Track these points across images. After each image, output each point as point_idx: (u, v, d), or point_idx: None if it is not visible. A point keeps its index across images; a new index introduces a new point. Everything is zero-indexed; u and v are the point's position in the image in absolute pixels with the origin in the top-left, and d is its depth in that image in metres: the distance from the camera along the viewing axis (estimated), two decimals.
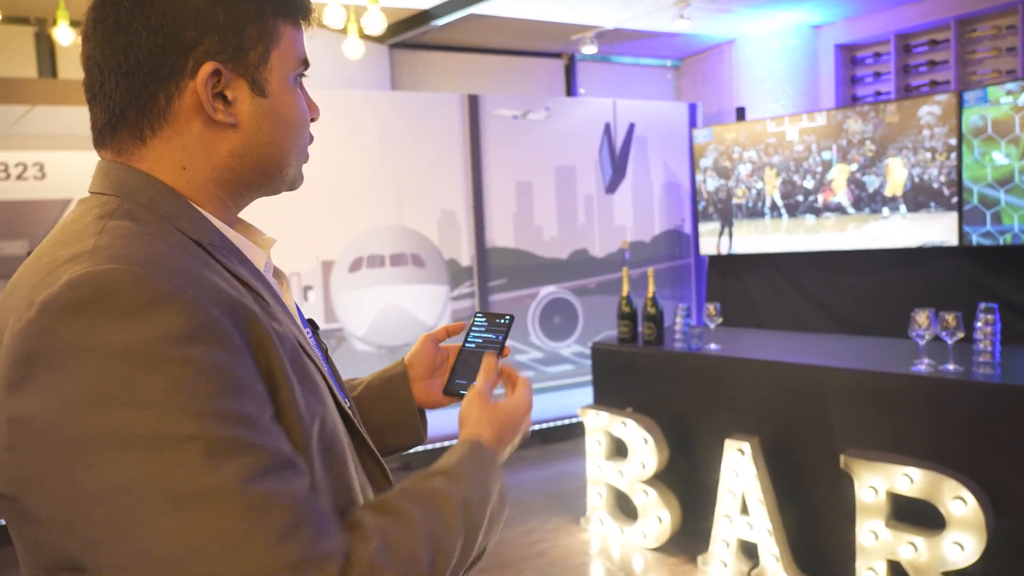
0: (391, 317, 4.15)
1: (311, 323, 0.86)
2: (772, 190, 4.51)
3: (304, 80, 0.76)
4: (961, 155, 3.78)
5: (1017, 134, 3.58)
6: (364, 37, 4.01)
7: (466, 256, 4.36)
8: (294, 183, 0.76)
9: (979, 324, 2.38)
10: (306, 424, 0.62)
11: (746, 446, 2.63)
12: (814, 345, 3.07)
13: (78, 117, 3.59)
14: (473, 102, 4.37)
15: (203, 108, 0.65)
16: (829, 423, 2.58)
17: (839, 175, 4.24)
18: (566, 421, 4.64)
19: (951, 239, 3.83)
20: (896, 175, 4.03)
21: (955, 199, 3.80)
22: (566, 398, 4.65)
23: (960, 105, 3.79)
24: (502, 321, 0.98)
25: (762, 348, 3.03)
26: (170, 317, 0.53)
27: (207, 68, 0.64)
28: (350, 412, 0.76)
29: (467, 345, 0.99)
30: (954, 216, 3.81)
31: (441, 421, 1.24)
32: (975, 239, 3.75)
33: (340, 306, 4.02)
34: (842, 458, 2.38)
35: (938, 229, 3.88)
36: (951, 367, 2.41)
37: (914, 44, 4.77)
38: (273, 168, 0.72)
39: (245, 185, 0.71)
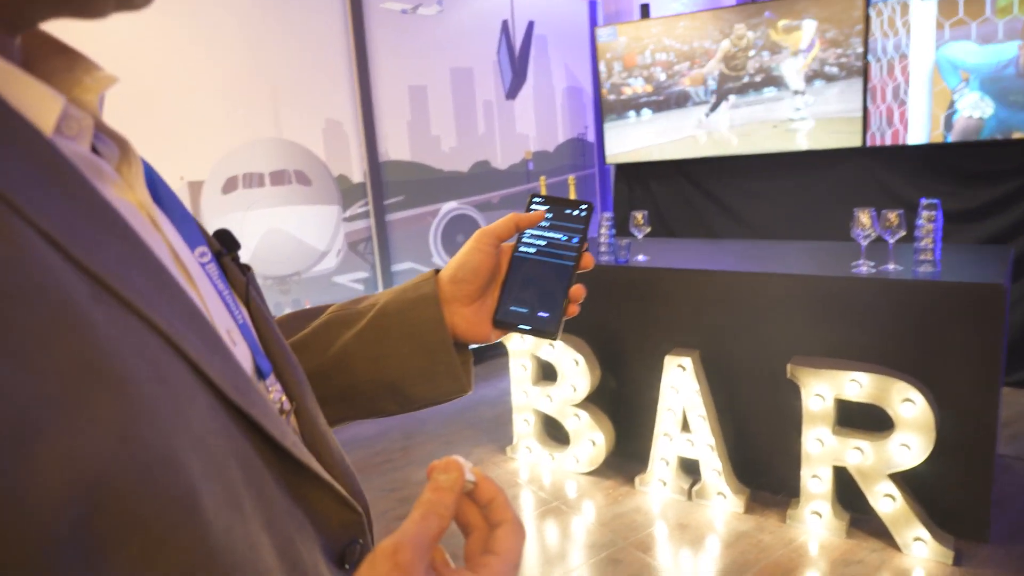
0: (276, 243, 3.66)
1: (222, 237, 0.50)
2: (680, 85, 4.31)
3: None
4: (868, 27, 3.70)
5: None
6: None
7: (357, 172, 3.90)
8: None
9: (921, 221, 2.30)
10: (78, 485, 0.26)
11: (687, 361, 2.48)
12: (747, 251, 2.94)
13: None
14: None
15: None
16: (770, 332, 2.47)
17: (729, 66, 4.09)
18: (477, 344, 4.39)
19: (855, 140, 3.81)
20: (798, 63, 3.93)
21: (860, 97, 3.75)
22: None
23: (868, 1, 3.69)
24: (576, 212, 0.68)
25: (694, 257, 2.87)
26: None
27: None
28: (263, 421, 0.38)
29: (521, 250, 0.68)
30: (858, 119, 3.77)
31: None
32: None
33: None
34: (788, 367, 2.28)
35: (844, 132, 3.83)
36: (892, 267, 2.34)
37: None
38: None
39: None
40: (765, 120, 4.06)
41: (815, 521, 2.33)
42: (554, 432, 2.99)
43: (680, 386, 2.50)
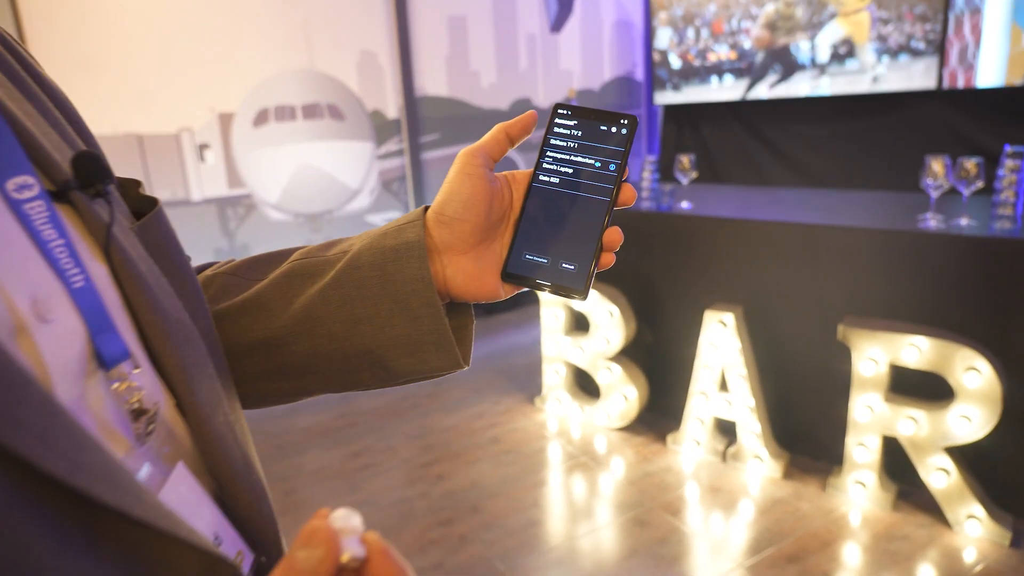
0: (308, 180, 3.57)
1: (81, 164, 0.36)
2: (738, 33, 4.00)
3: None
4: None
5: None
6: None
7: (392, 107, 3.75)
8: None
9: (1003, 171, 2.06)
10: None
11: (729, 317, 2.32)
12: (802, 201, 2.73)
13: None
14: None
15: None
16: (822, 288, 2.28)
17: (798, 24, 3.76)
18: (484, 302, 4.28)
19: (929, 82, 3.48)
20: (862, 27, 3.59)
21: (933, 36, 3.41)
22: None
23: None
24: (614, 129, 0.51)
25: (742, 206, 2.67)
26: None
27: None
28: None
29: (540, 179, 0.52)
30: (933, 58, 3.43)
31: None
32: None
33: (246, 168, 3.40)
34: (840, 328, 2.10)
35: (918, 70, 3.50)
36: (965, 221, 2.11)
37: None
38: None
39: None
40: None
41: (858, 491, 2.18)
42: (585, 385, 2.88)
43: (720, 343, 2.35)
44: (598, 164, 0.52)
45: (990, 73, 3.29)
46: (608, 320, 2.58)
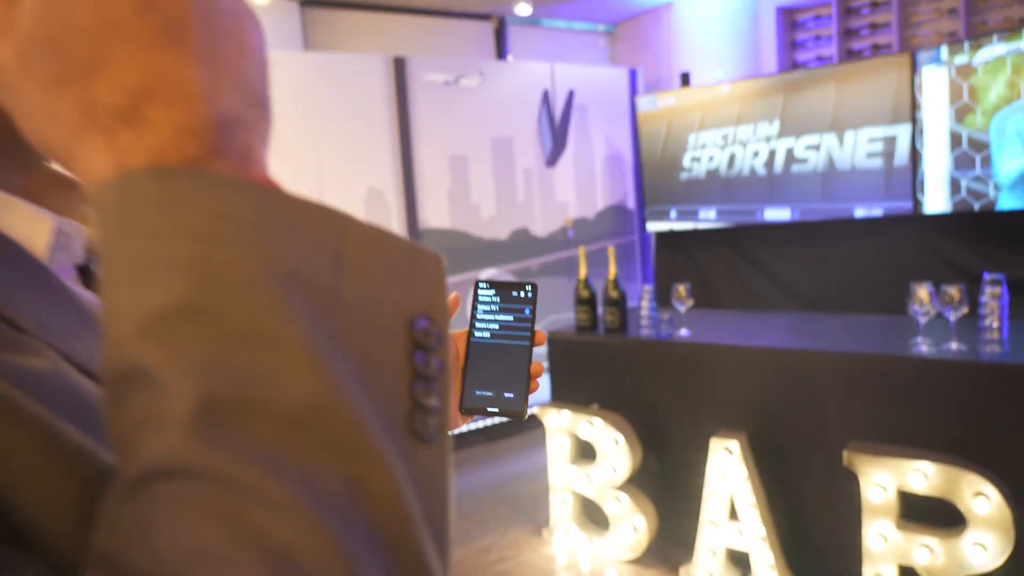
0: None
1: None
2: (721, 159, 4.26)
3: None
4: (915, 119, 3.61)
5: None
6: None
7: None
8: None
9: (984, 298, 2.16)
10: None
11: (734, 444, 2.34)
12: (796, 325, 2.81)
13: None
14: (400, 65, 3.89)
15: None
16: (824, 414, 2.32)
17: (782, 146, 4.02)
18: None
19: (905, 207, 3.67)
20: (846, 147, 3.84)
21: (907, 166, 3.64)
22: None
23: (914, 66, 3.62)
24: (520, 294, 0.69)
25: (738, 332, 2.75)
26: None
27: None
28: None
29: (476, 336, 0.69)
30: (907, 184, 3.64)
31: None
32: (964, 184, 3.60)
33: None
34: (845, 454, 2.12)
35: (896, 194, 3.71)
36: (954, 346, 2.19)
37: (856, 6, 4.62)
38: None
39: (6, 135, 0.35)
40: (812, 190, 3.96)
41: None
42: (594, 515, 2.84)
43: (727, 470, 2.35)
44: (514, 319, 0.68)
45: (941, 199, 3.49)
46: (614, 448, 2.59)
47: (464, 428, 4.12)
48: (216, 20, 0.30)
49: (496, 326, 0.68)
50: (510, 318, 0.68)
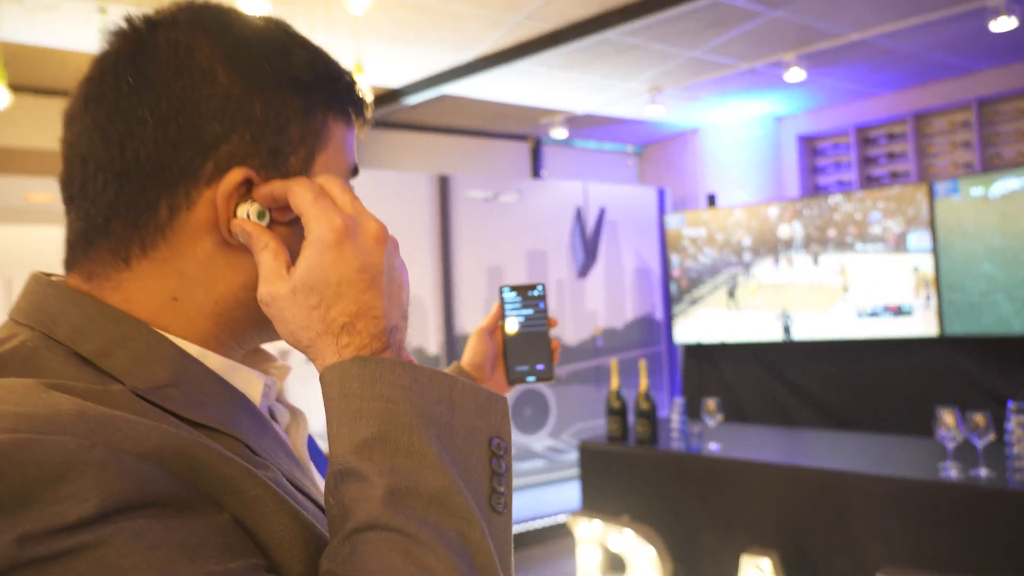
0: None
1: None
2: (749, 279, 4.42)
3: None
4: (936, 247, 3.77)
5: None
6: None
7: (434, 344, 4.07)
8: None
9: (1011, 425, 2.22)
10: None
11: (765, 563, 2.36)
12: (824, 444, 2.87)
13: (7, 188, 3.22)
14: (444, 183, 4.19)
15: (219, 226, 0.50)
16: (855, 535, 2.35)
17: (807, 265, 4.19)
18: (539, 523, 4.28)
19: (931, 330, 3.77)
20: (866, 271, 4.00)
21: (928, 294, 3.77)
22: (539, 497, 4.31)
23: (932, 196, 3.81)
24: (535, 293, 0.91)
25: (768, 448, 2.81)
26: (73, 495, 0.38)
27: (235, 175, 0.50)
28: None
29: (509, 327, 0.91)
30: (933, 308, 3.76)
31: None
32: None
33: (302, 397, 3.62)
34: None
35: (918, 320, 3.82)
36: (983, 472, 2.23)
37: (873, 136, 4.89)
38: None
39: (257, 328, 0.55)
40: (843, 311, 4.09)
41: None
42: None
43: None
44: (533, 312, 0.89)
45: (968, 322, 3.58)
46: (645, 562, 2.61)
47: None
48: (391, 274, 0.52)
49: (522, 318, 0.89)
50: (531, 311, 0.89)
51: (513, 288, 0.91)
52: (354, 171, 0.59)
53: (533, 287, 0.90)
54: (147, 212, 0.49)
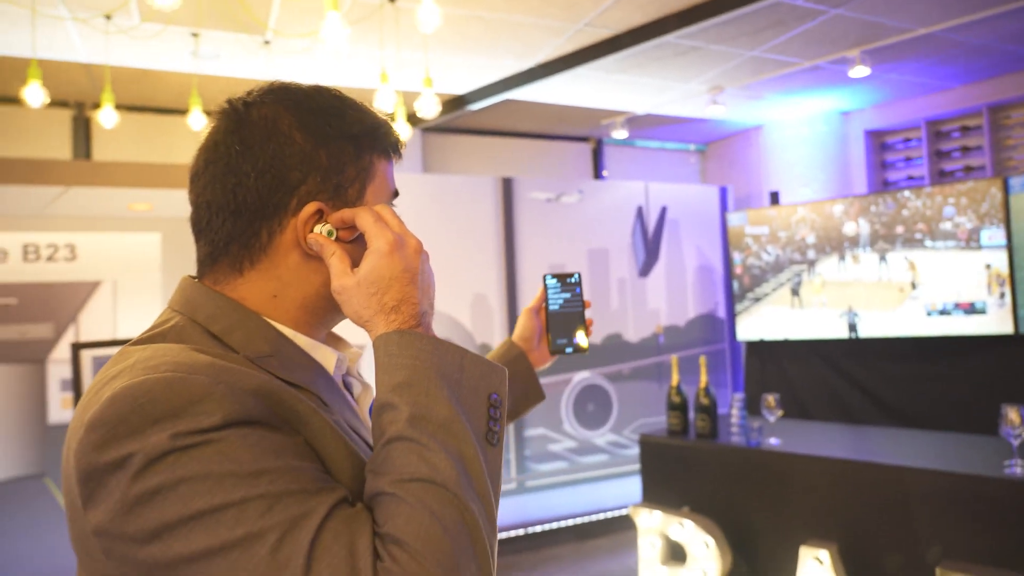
0: None
1: None
2: (813, 277, 4.40)
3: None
4: (1011, 244, 3.68)
5: None
6: (410, 121, 4.00)
7: (498, 340, 4.21)
8: None
9: None
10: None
11: (824, 555, 2.40)
12: (886, 441, 2.87)
13: (111, 199, 3.54)
14: (507, 185, 4.33)
15: (301, 243, 0.71)
16: (914, 530, 2.37)
17: (874, 261, 4.14)
18: (602, 515, 4.38)
19: (1006, 328, 3.68)
20: (938, 267, 3.93)
21: (1003, 291, 3.68)
22: (601, 490, 4.41)
23: (1007, 191, 3.72)
24: (572, 280, 1.08)
25: (828, 443, 2.84)
26: (205, 411, 0.58)
27: (311, 208, 0.70)
28: None
29: (551, 307, 1.07)
30: (1007, 303, 3.67)
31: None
32: None
33: (370, 377, 3.84)
34: (938, 571, 2.16)
35: (992, 318, 3.73)
36: None
37: (946, 130, 4.77)
38: None
39: (332, 313, 0.76)
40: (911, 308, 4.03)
41: None
42: None
43: None
44: (571, 295, 1.06)
45: None
46: (705, 551, 2.68)
47: (555, 525, 4.24)
48: (424, 275, 0.72)
49: (561, 301, 1.06)
50: (569, 295, 1.06)
51: (555, 276, 1.08)
52: (395, 194, 0.79)
53: (571, 275, 1.08)
54: (253, 238, 0.70)
